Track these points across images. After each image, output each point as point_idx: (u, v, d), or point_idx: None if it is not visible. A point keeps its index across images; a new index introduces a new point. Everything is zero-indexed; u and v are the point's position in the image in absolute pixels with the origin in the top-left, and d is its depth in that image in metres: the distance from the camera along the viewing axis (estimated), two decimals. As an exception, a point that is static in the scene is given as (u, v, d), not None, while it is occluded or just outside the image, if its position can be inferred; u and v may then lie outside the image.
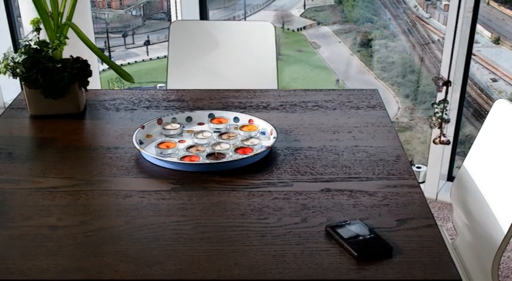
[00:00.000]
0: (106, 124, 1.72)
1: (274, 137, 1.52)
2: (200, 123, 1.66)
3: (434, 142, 2.65)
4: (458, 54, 2.51)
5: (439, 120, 2.58)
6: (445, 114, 2.56)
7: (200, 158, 1.45)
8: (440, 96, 2.60)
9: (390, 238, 1.16)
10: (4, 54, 1.68)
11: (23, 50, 1.68)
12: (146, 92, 1.94)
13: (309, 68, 5.75)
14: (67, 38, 1.74)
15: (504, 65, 4.65)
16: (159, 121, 1.63)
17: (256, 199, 1.30)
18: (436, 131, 2.65)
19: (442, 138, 2.62)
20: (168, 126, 1.61)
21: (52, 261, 1.10)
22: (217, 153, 1.48)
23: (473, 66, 4.58)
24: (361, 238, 1.14)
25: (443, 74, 2.54)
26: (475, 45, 2.63)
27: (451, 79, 2.54)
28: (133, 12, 6.40)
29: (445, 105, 2.56)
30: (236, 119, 1.66)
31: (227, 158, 1.46)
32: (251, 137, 1.56)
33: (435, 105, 2.59)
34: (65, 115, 1.74)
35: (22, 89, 1.78)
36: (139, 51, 6.15)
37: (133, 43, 6.17)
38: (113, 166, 1.46)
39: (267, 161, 1.47)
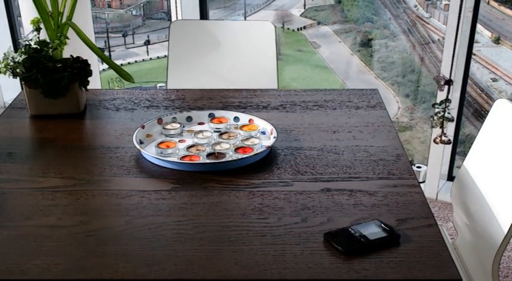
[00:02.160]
0: (106, 124, 1.72)
1: (274, 137, 1.52)
2: (200, 123, 1.66)
3: (435, 141, 2.65)
4: (459, 54, 2.51)
5: (441, 120, 2.58)
6: (448, 113, 2.56)
7: (200, 158, 1.45)
8: (440, 96, 2.59)
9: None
10: (4, 54, 1.68)
11: (23, 49, 1.68)
12: (146, 92, 1.94)
13: (309, 68, 5.76)
14: (67, 38, 1.74)
15: (504, 64, 4.65)
16: (159, 121, 1.63)
17: (256, 199, 1.30)
18: (436, 131, 2.64)
19: (443, 138, 2.61)
20: (168, 126, 1.61)
21: (52, 261, 1.10)
22: (218, 153, 1.48)
23: (474, 66, 4.58)
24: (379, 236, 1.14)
25: (444, 73, 2.54)
26: (475, 45, 2.63)
27: (452, 78, 2.54)
28: (134, 12, 6.40)
29: (447, 104, 2.56)
30: (236, 118, 1.66)
31: (227, 158, 1.46)
32: (251, 137, 1.56)
33: (436, 106, 2.59)
34: (65, 115, 1.74)
35: (22, 88, 1.78)
36: (139, 51, 6.16)
37: (133, 43, 6.18)
38: (113, 165, 1.46)
39: (267, 161, 1.47)
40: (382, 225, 1.17)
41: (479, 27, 4.39)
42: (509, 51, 4.71)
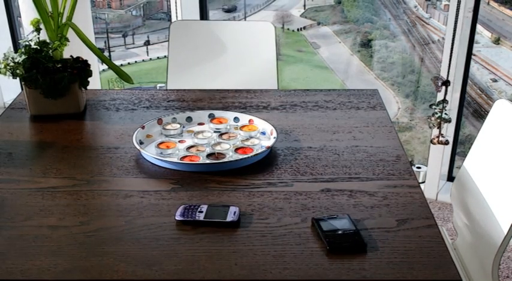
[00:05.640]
0: (106, 124, 1.72)
1: (274, 137, 1.52)
2: (200, 124, 1.66)
3: (432, 142, 2.64)
4: (459, 55, 2.51)
5: (438, 120, 2.58)
6: (445, 114, 2.56)
7: (200, 158, 1.45)
8: (440, 96, 2.59)
9: (390, 238, 1.16)
10: (4, 54, 1.68)
11: (23, 50, 1.68)
12: (146, 92, 1.94)
13: (309, 68, 5.75)
14: (68, 40, 1.73)
15: (504, 65, 4.64)
16: (159, 121, 1.63)
17: (256, 199, 1.30)
18: (435, 131, 2.64)
19: (441, 138, 2.62)
20: (168, 127, 1.61)
21: (52, 261, 1.10)
22: (218, 153, 1.48)
23: (473, 67, 4.57)
24: (339, 232, 1.15)
25: (443, 74, 2.54)
26: (475, 45, 2.63)
27: (450, 79, 2.54)
28: (134, 12, 6.40)
29: (444, 105, 2.56)
30: (236, 119, 1.66)
31: (227, 158, 1.46)
32: (251, 137, 1.56)
33: (434, 107, 2.59)
34: (65, 115, 1.74)
35: (22, 89, 1.78)
36: (140, 51, 6.15)
37: (133, 43, 6.17)
38: (113, 166, 1.46)
39: (267, 161, 1.47)
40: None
41: (479, 27, 4.38)
42: (509, 51, 4.71)
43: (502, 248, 1.32)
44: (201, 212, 1.22)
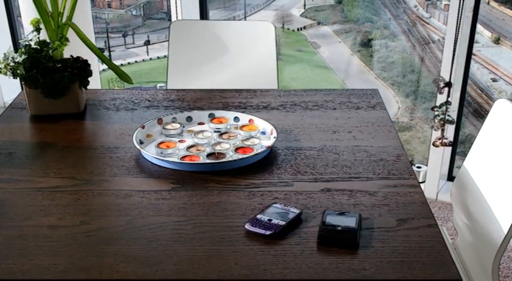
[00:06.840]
0: (106, 124, 1.72)
1: (274, 137, 1.52)
2: (200, 123, 1.66)
3: (434, 144, 2.63)
4: (459, 54, 2.51)
5: (442, 122, 2.57)
6: (448, 115, 2.56)
7: (200, 158, 1.45)
8: (440, 98, 2.59)
9: (390, 238, 1.16)
10: (4, 54, 1.68)
11: (23, 50, 1.68)
12: (146, 92, 1.94)
13: (309, 68, 5.76)
14: (68, 40, 1.73)
15: (504, 65, 4.64)
16: (159, 121, 1.63)
17: (256, 199, 1.30)
18: (435, 133, 2.64)
19: (444, 140, 2.61)
20: (169, 126, 1.61)
21: (52, 261, 1.10)
22: (218, 153, 1.48)
23: (474, 66, 4.57)
24: (338, 228, 1.15)
25: (444, 75, 2.54)
26: (475, 45, 2.62)
27: (451, 80, 2.53)
28: (133, 12, 6.40)
29: (447, 107, 2.55)
30: (236, 118, 1.66)
31: (227, 158, 1.46)
32: (251, 137, 1.56)
33: (436, 109, 2.58)
34: (65, 115, 1.74)
35: (22, 89, 1.78)
36: (140, 51, 6.16)
37: (133, 43, 6.18)
38: (113, 165, 1.46)
39: (267, 161, 1.47)
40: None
41: (479, 27, 4.38)
42: (509, 51, 4.71)
43: (502, 248, 1.32)
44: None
